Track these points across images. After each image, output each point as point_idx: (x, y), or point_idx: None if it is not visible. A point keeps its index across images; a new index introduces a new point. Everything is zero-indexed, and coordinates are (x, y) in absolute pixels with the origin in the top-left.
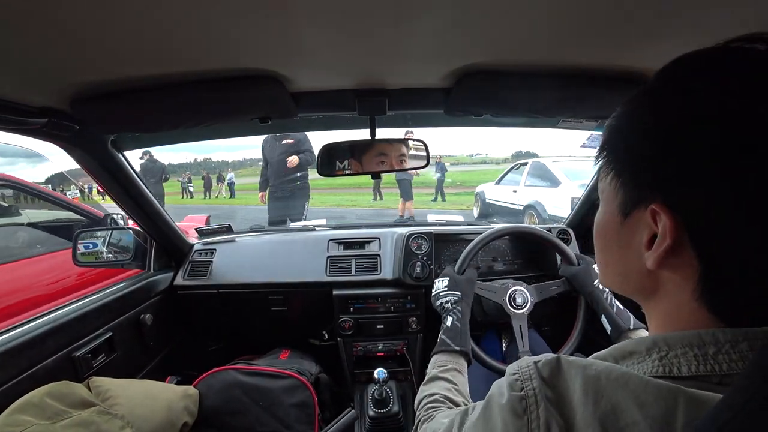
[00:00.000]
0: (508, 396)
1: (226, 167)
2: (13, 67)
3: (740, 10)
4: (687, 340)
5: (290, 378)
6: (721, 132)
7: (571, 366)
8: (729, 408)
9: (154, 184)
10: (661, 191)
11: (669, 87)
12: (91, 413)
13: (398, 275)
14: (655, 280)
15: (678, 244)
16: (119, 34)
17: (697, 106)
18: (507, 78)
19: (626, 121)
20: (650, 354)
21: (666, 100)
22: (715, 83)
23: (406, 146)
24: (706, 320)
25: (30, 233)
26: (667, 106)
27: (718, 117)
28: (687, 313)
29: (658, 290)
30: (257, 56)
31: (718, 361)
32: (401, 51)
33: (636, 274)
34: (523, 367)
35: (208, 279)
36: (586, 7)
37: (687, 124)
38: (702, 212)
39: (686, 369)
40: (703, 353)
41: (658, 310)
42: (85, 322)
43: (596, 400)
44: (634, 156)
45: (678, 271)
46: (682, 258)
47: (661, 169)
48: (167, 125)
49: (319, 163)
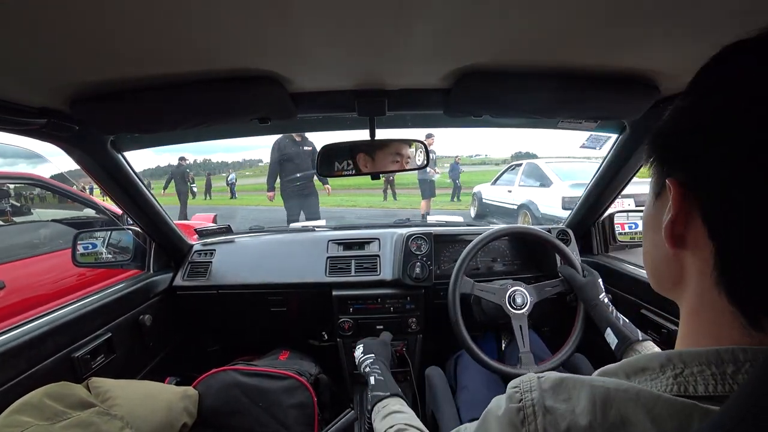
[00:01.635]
0: (505, 407)
1: (225, 168)
2: (13, 67)
3: (739, 10)
4: (704, 358)
5: (290, 379)
6: (727, 110)
7: (576, 381)
8: (733, 415)
9: (182, 183)
10: (676, 165)
11: (702, 75)
12: (90, 414)
13: (398, 276)
14: (680, 266)
15: (687, 217)
16: (119, 34)
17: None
18: (506, 79)
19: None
20: (664, 371)
21: (696, 82)
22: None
23: (406, 147)
24: (728, 311)
25: (53, 229)
26: (693, 88)
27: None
28: (709, 305)
29: (683, 279)
30: (257, 57)
31: (737, 381)
32: (401, 52)
33: (663, 260)
34: (525, 380)
35: (208, 279)
36: (586, 7)
37: (702, 102)
38: (709, 184)
39: (703, 388)
40: (721, 372)
41: (685, 305)
42: (85, 323)
43: (604, 410)
44: (663, 136)
45: (696, 253)
46: (696, 236)
47: (678, 143)
48: (167, 126)
49: (319, 163)
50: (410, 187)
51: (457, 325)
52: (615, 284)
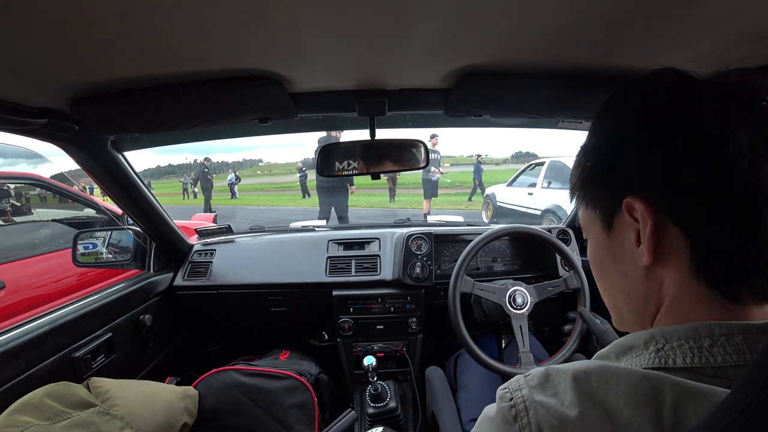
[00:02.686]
0: (498, 408)
1: (226, 168)
2: (13, 67)
3: (739, 10)
4: (683, 333)
5: (290, 378)
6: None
7: (559, 373)
8: (732, 409)
9: (206, 181)
10: (628, 186)
11: (611, 108)
12: (90, 414)
13: (398, 276)
14: (657, 280)
15: (660, 224)
16: (119, 34)
17: (634, 116)
18: (506, 78)
19: (582, 152)
20: (647, 347)
21: (608, 117)
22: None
23: (406, 147)
24: (705, 298)
25: (53, 229)
26: (615, 121)
27: (655, 119)
28: (690, 296)
29: (661, 290)
30: (256, 57)
31: (713, 354)
32: (401, 52)
33: (638, 282)
34: (512, 381)
35: (208, 279)
36: (586, 7)
37: (641, 127)
38: (669, 189)
39: (681, 360)
40: (698, 345)
41: (664, 312)
42: (85, 323)
43: (589, 404)
44: (597, 173)
45: (671, 258)
46: (670, 239)
47: (624, 168)
48: (167, 126)
49: (319, 163)
50: (412, 186)
51: (457, 325)
52: None
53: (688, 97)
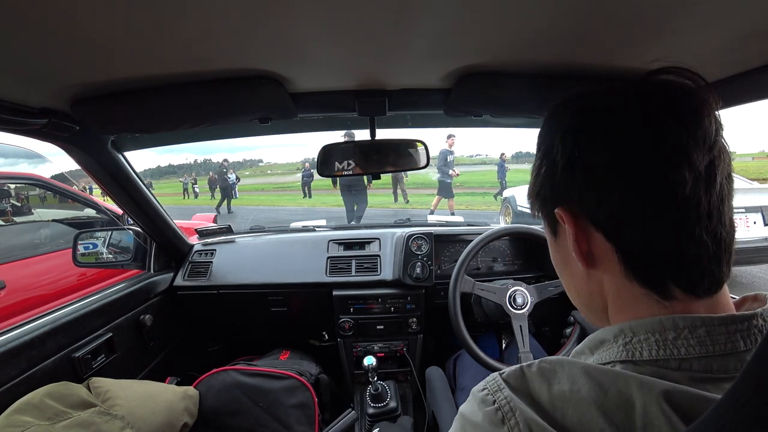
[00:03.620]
0: (482, 412)
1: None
2: (13, 67)
3: (738, 9)
4: (649, 326)
5: (290, 379)
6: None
7: (534, 377)
8: (728, 409)
9: (223, 180)
10: (557, 197)
11: (543, 132)
12: (91, 414)
13: (398, 276)
14: (597, 281)
15: (585, 231)
16: (119, 34)
17: (549, 128)
18: (507, 79)
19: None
20: (617, 340)
21: (542, 140)
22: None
23: (407, 147)
24: (641, 295)
25: (53, 229)
26: (543, 143)
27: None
28: (628, 294)
29: (602, 290)
30: (256, 57)
31: (677, 346)
32: (401, 52)
33: (583, 283)
34: (489, 381)
35: (208, 279)
36: (586, 7)
37: (562, 142)
38: (588, 199)
39: (647, 353)
40: (663, 338)
41: (612, 311)
42: (85, 323)
43: (563, 413)
44: (537, 185)
45: (605, 261)
46: (597, 245)
47: (551, 180)
48: (167, 126)
49: (319, 163)
50: (417, 186)
51: (457, 325)
52: None
53: (607, 103)
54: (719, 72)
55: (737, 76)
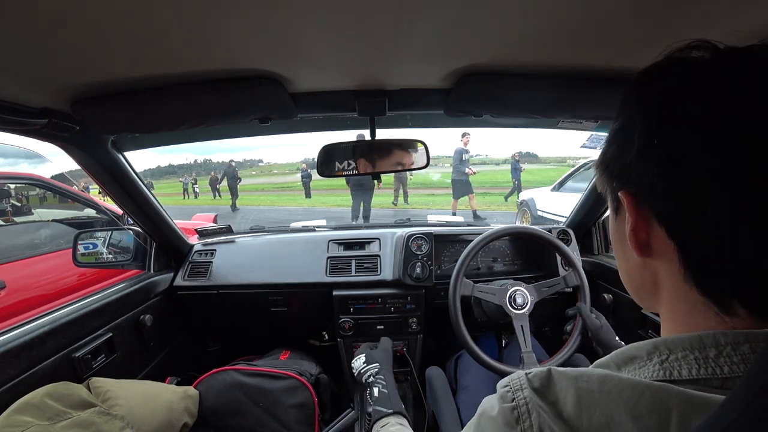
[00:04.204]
0: (499, 408)
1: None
2: (13, 67)
3: (740, 9)
4: (688, 343)
5: (290, 379)
6: (650, 126)
7: (562, 377)
8: (728, 413)
9: (232, 179)
10: (624, 179)
11: (625, 100)
12: (91, 414)
13: (398, 276)
14: (651, 273)
15: (646, 222)
16: (119, 35)
17: (633, 108)
18: (507, 79)
19: (608, 134)
20: (651, 358)
21: (622, 109)
22: (655, 91)
23: (407, 147)
24: (699, 303)
25: (54, 229)
26: (622, 113)
27: (646, 116)
28: (683, 301)
29: (658, 284)
30: (257, 57)
31: (719, 364)
32: (401, 52)
33: (636, 269)
34: (514, 379)
35: (208, 280)
36: (586, 7)
37: (641, 122)
38: (653, 191)
39: (687, 372)
40: (704, 356)
41: (663, 308)
42: (85, 323)
43: (590, 414)
44: (606, 159)
45: (663, 256)
46: (658, 239)
47: (623, 160)
48: (167, 126)
49: (319, 163)
50: (418, 186)
51: (458, 327)
52: (616, 284)
53: (691, 88)
54: None
55: None
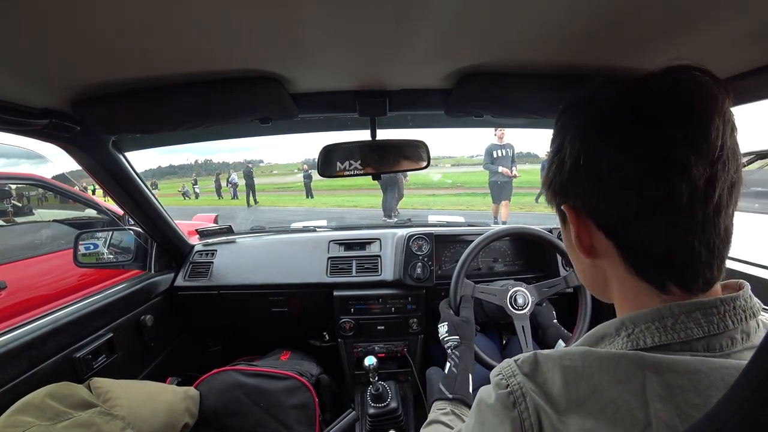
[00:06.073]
0: (495, 395)
1: (227, 168)
2: (14, 68)
3: (740, 9)
4: (648, 316)
5: (291, 379)
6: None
7: (547, 359)
8: (732, 403)
9: (249, 179)
10: (564, 194)
11: (557, 125)
12: (91, 414)
13: (399, 276)
14: (601, 270)
15: (586, 227)
16: (120, 35)
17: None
18: (507, 79)
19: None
20: (619, 333)
21: (556, 133)
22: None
23: (407, 147)
24: (643, 288)
25: (54, 229)
26: (557, 136)
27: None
28: (629, 287)
29: (607, 279)
30: (257, 57)
31: (676, 330)
32: (401, 52)
33: (588, 268)
34: (504, 367)
35: (209, 280)
36: (586, 7)
37: (572, 142)
38: (591, 198)
39: (650, 340)
40: (663, 325)
41: (615, 297)
42: (86, 323)
43: (576, 387)
44: (548, 179)
45: (606, 254)
46: (599, 242)
47: (560, 178)
48: (168, 126)
49: (320, 163)
50: (418, 187)
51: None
52: None
53: (609, 116)
54: (726, 70)
55: (739, 75)
